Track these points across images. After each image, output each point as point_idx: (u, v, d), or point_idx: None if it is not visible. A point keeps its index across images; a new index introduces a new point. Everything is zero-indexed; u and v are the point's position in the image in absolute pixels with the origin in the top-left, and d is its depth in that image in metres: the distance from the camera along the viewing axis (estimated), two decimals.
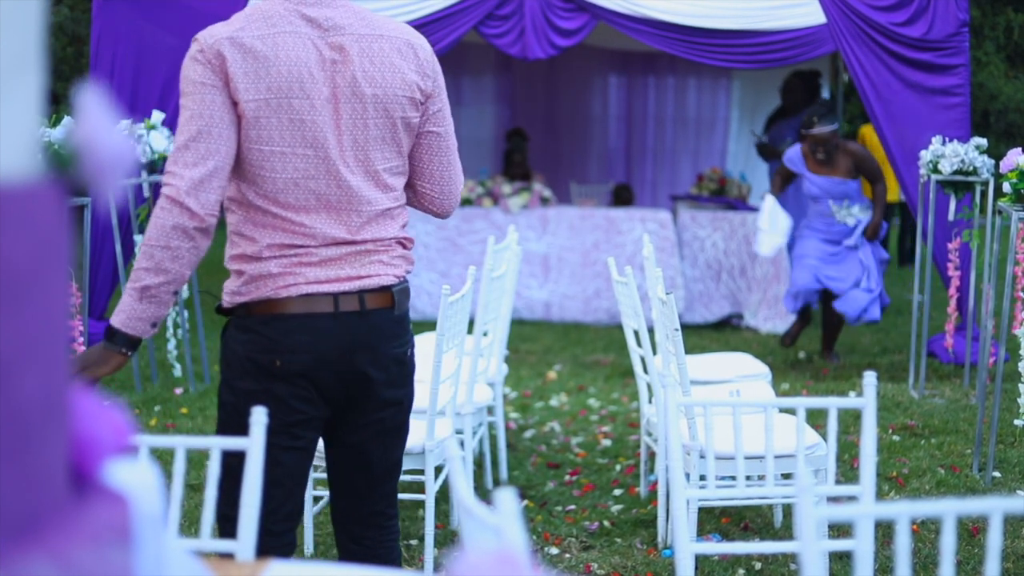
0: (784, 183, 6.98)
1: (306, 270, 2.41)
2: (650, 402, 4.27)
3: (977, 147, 5.83)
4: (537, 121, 11.17)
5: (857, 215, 6.51)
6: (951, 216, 5.96)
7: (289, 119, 2.33)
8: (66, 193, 0.88)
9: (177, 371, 6.10)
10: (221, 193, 2.34)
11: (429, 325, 4.91)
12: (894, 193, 11.27)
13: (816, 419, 4.79)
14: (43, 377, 0.85)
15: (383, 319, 2.46)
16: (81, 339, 4.94)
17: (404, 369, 2.56)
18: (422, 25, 7.11)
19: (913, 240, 11.75)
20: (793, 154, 6.70)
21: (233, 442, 2.05)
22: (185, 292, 6.31)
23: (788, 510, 4.05)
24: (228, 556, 2.01)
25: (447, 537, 3.95)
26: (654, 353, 4.22)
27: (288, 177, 2.36)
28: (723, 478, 3.44)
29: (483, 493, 4.41)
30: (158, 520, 1.06)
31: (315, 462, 3.66)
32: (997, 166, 5.36)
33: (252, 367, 2.48)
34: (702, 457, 3.44)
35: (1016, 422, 4.74)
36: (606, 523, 4.09)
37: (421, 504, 4.07)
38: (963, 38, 6.83)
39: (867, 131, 11.44)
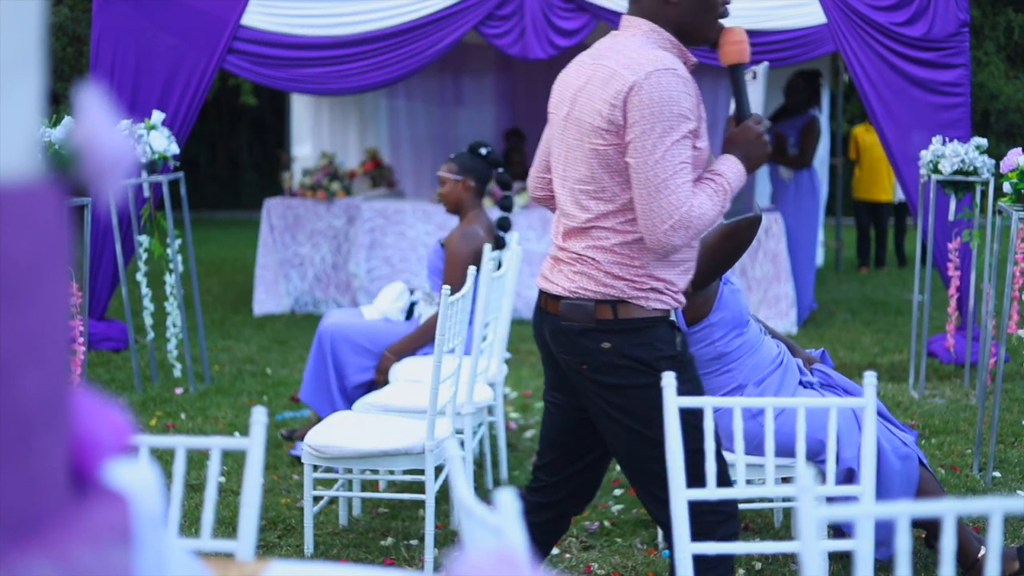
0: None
1: (545, 261, 2.85)
2: None
3: (977, 147, 5.83)
4: (537, 121, 11.12)
5: None
6: (951, 216, 5.96)
7: (552, 130, 2.84)
8: (66, 193, 0.88)
9: (177, 371, 6.10)
10: None
11: None
12: (889, 193, 11.28)
13: None
14: (43, 377, 0.85)
15: (553, 325, 2.75)
16: (81, 339, 4.94)
17: (575, 375, 2.78)
18: (422, 25, 7.11)
19: (903, 240, 11.76)
20: None
21: (233, 442, 2.05)
22: (185, 293, 6.31)
23: (788, 511, 4.05)
24: (228, 556, 2.01)
25: (447, 537, 3.95)
26: None
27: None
28: None
29: (483, 493, 4.41)
30: (158, 520, 1.06)
31: (316, 462, 3.66)
32: (997, 166, 5.36)
33: None
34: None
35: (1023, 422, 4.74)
36: (606, 523, 4.09)
37: (421, 504, 4.07)
38: (963, 38, 6.83)
39: (859, 132, 11.43)
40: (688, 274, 2.78)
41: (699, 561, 2.58)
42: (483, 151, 4.80)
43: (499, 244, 4.83)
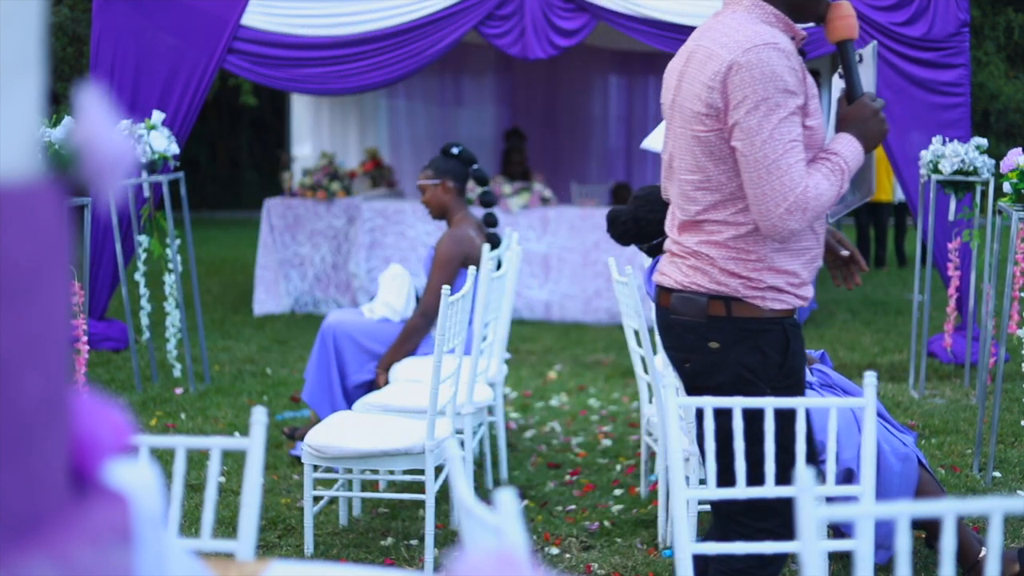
0: None
1: (661, 260, 2.75)
2: (650, 402, 4.27)
3: (977, 147, 5.83)
4: (537, 121, 11.17)
5: None
6: (951, 216, 5.96)
7: (666, 124, 2.68)
8: (66, 193, 0.88)
9: (177, 371, 6.10)
10: None
11: None
12: (888, 193, 11.27)
13: None
14: (44, 377, 0.85)
15: (664, 318, 2.68)
16: (84, 338, 4.94)
17: (678, 372, 2.71)
18: (422, 25, 7.11)
19: (903, 240, 11.76)
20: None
21: (233, 442, 2.05)
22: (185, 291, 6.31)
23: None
24: (228, 556, 2.01)
25: (447, 537, 3.95)
26: (654, 353, 4.22)
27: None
28: None
29: (483, 493, 4.41)
30: (158, 520, 1.06)
31: (316, 462, 3.67)
32: (997, 166, 5.36)
33: None
34: (702, 464, 3.44)
35: (1023, 423, 4.74)
36: (606, 523, 4.09)
37: (421, 504, 4.08)
38: (963, 38, 6.83)
39: None
40: (815, 263, 2.61)
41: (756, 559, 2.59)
42: (455, 151, 4.79)
43: (493, 242, 4.84)
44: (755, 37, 2.44)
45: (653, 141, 3.60)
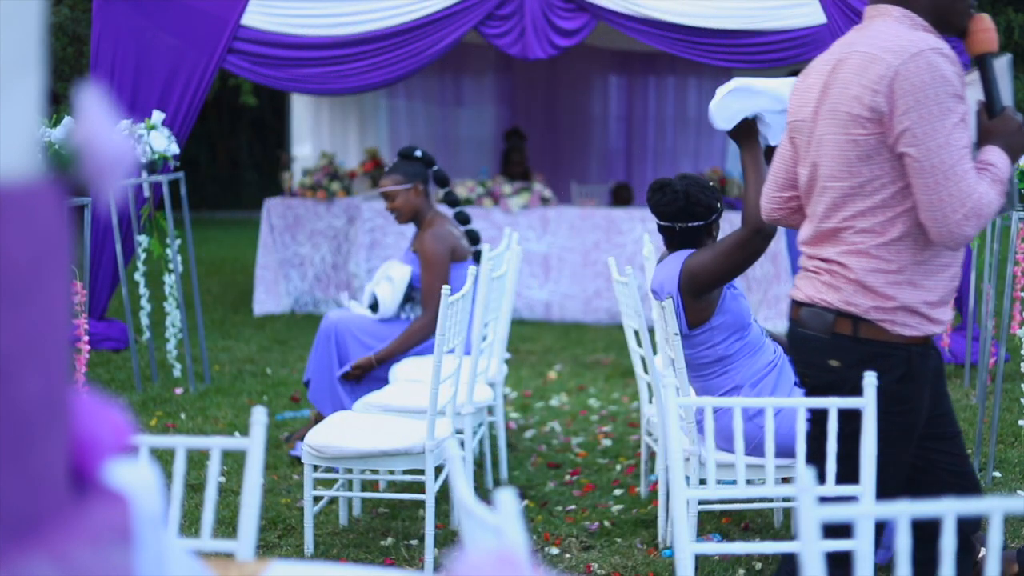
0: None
1: (797, 275, 2.74)
2: (650, 402, 4.27)
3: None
4: (537, 121, 11.17)
5: None
6: None
7: (798, 139, 2.69)
8: (66, 193, 0.88)
9: (177, 371, 6.10)
10: None
11: None
12: None
13: None
14: (43, 377, 0.85)
15: (792, 330, 2.69)
16: (86, 337, 4.94)
17: (800, 380, 2.73)
18: (422, 25, 7.11)
19: None
20: None
21: (233, 442, 2.05)
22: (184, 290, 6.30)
23: (788, 511, 4.05)
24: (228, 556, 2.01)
25: (447, 537, 3.95)
26: (654, 353, 4.22)
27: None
28: (724, 482, 3.44)
29: (483, 493, 4.41)
30: (158, 520, 1.06)
31: (316, 462, 3.67)
32: None
33: None
34: (702, 464, 3.44)
35: (1021, 422, 4.74)
36: (606, 523, 4.09)
37: (421, 504, 4.08)
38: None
39: None
40: (954, 282, 2.58)
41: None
42: (417, 153, 4.80)
43: (472, 238, 4.87)
44: (920, 42, 2.43)
45: (727, 108, 3.32)
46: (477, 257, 4.86)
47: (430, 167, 4.82)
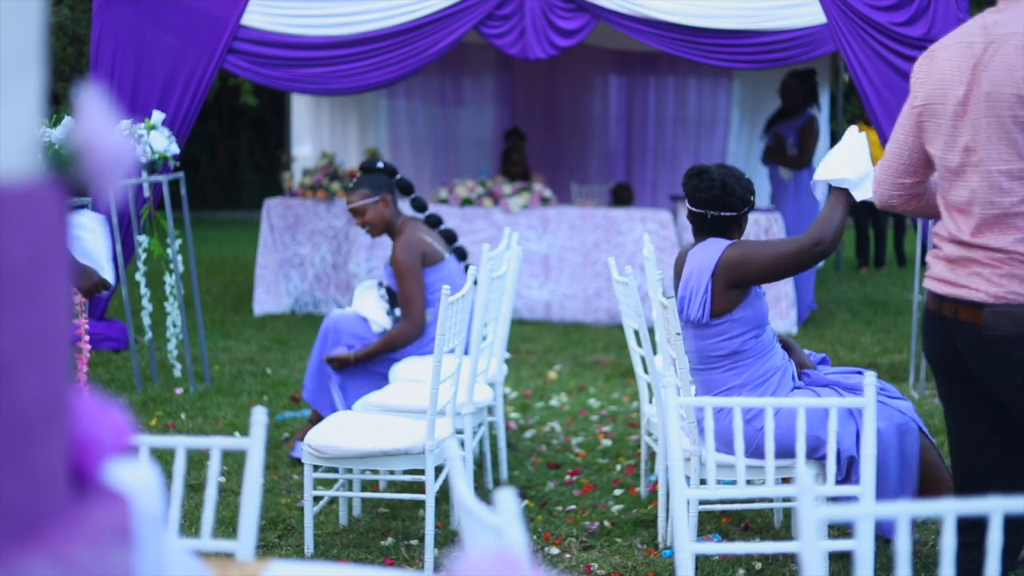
0: None
1: (936, 264, 2.60)
2: (651, 402, 4.27)
3: None
4: (537, 121, 11.17)
5: None
6: None
7: (933, 123, 2.57)
8: (66, 193, 0.88)
9: (177, 371, 6.10)
10: None
11: None
12: None
13: None
14: (43, 377, 0.85)
15: (973, 336, 2.48)
16: (86, 337, 4.94)
17: (1007, 392, 2.56)
18: (422, 25, 7.11)
19: (902, 240, 11.76)
20: None
21: (233, 442, 2.05)
22: (184, 291, 6.30)
23: (788, 511, 4.05)
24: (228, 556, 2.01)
25: (447, 537, 3.95)
26: (655, 353, 4.22)
27: (937, 177, 2.62)
28: (724, 482, 3.44)
29: (483, 493, 4.41)
30: (158, 520, 1.06)
31: (316, 462, 3.66)
32: None
33: None
34: (702, 464, 3.44)
35: None
36: (606, 523, 4.09)
37: (421, 504, 4.08)
38: None
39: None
40: None
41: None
42: (379, 165, 4.81)
43: (449, 237, 4.88)
44: None
45: (834, 170, 3.40)
46: (461, 255, 4.87)
47: (393, 176, 4.82)
